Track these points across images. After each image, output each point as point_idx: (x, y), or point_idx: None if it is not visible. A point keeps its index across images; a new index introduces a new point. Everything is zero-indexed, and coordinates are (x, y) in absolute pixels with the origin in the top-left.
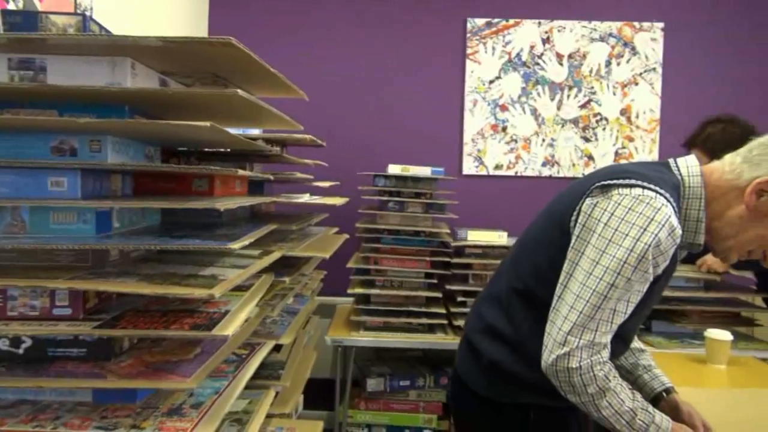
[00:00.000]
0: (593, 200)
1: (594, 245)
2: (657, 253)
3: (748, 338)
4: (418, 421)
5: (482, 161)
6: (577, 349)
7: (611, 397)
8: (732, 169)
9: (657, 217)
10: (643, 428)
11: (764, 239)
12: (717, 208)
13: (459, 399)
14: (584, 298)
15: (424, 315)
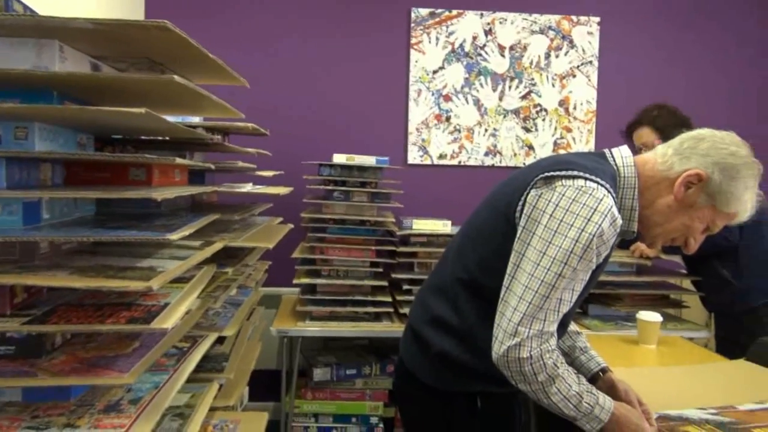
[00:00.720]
0: (537, 191)
1: (540, 236)
2: (600, 243)
3: (677, 319)
4: (364, 409)
5: (427, 151)
6: (527, 339)
7: (560, 383)
8: (664, 160)
9: (599, 207)
10: (588, 410)
11: (688, 228)
12: (648, 197)
13: (406, 389)
14: (532, 289)
15: (370, 304)
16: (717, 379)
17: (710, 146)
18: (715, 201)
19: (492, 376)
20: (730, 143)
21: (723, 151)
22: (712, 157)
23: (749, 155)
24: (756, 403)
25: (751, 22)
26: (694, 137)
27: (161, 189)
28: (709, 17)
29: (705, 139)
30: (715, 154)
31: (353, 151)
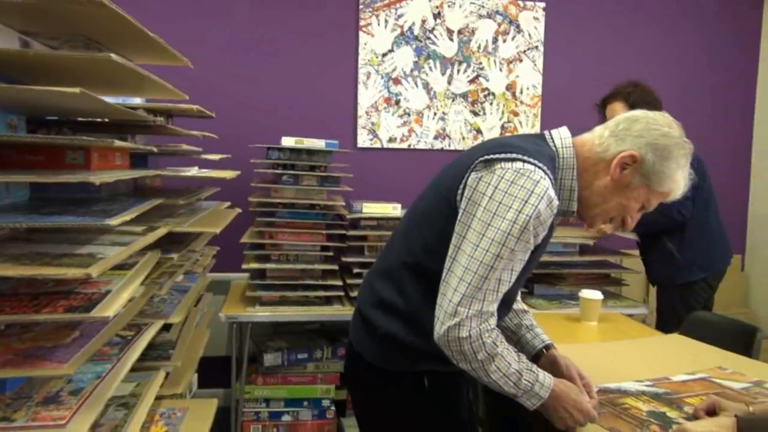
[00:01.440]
0: (478, 174)
1: (479, 218)
2: (537, 224)
3: (616, 297)
4: (315, 392)
5: (376, 134)
6: (466, 319)
7: (499, 362)
8: (601, 142)
9: (536, 189)
10: (528, 387)
11: (625, 208)
12: (587, 178)
13: (354, 371)
14: (472, 270)
15: (320, 288)
16: (653, 353)
17: (644, 127)
18: (649, 181)
19: (438, 356)
20: (663, 124)
21: (656, 132)
22: (646, 138)
23: (681, 135)
24: (688, 374)
25: (698, 8)
26: (628, 119)
27: (100, 173)
28: (654, 3)
29: (639, 121)
30: (648, 135)
31: (302, 134)
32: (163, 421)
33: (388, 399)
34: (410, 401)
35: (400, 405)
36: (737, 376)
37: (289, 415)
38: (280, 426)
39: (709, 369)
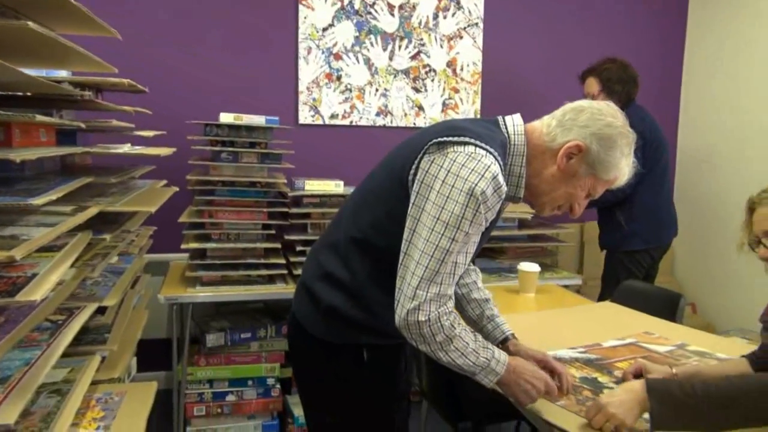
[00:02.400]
0: (430, 157)
1: (434, 202)
2: (486, 209)
3: (553, 268)
4: (260, 371)
5: (318, 110)
6: (425, 303)
7: (457, 342)
8: (548, 131)
9: (486, 174)
10: (485, 363)
11: (572, 196)
12: (535, 166)
13: (297, 342)
14: (428, 254)
15: (263, 267)
16: (586, 321)
17: (589, 118)
18: (594, 170)
19: (378, 330)
20: (607, 114)
21: (600, 122)
22: (591, 128)
23: (624, 125)
24: (618, 339)
25: None
26: (574, 109)
27: (22, 150)
28: None
29: (584, 111)
30: (593, 125)
31: (241, 110)
32: (100, 406)
33: (329, 370)
34: (349, 373)
35: (339, 376)
36: (662, 340)
37: (233, 395)
38: (225, 406)
39: (637, 334)
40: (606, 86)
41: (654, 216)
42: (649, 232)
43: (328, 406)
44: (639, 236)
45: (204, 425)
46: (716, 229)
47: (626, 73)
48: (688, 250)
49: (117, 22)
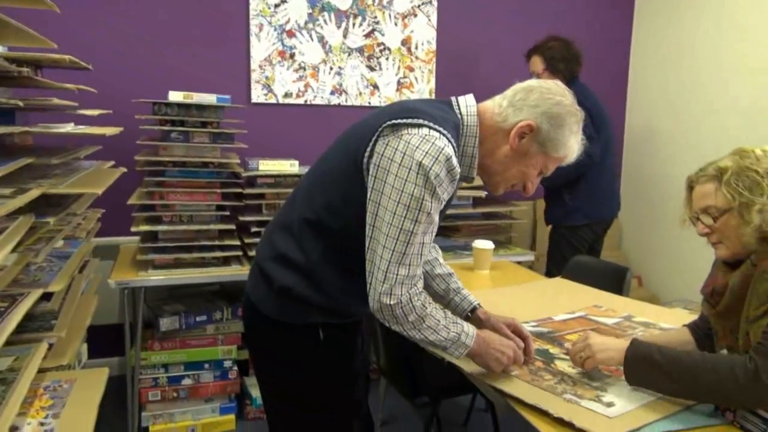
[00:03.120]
0: (385, 139)
1: (392, 185)
2: (442, 191)
3: (506, 245)
4: (217, 354)
5: (271, 89)
6: (396, 286)
7: (429, 320)
8: (500, 111)
9: (440, 157)
10: (455, 337)
11: (525, 175)
12: (488, 146)
13: (252, 324)
14: (394, 237)
15: (217, 248)
16: (539, 296)
17: (539, 97)
18: (545, 148)
19: (333, 310)
20: (556, 93)
21: (549, 101)
22: (541, 108)
23: (573, 103)
24: (569, 313)
25: None
26: (524, 89)
27: None
28: None
29: (534, 91)
30: (543, 105)
31: (191, 88)
32: (48, 394)
33: (284, 350)
34: (306, 352)
35: (296, 356)
36: (610, 312)
37: (189, 379)
38: (181, 390)
39: (587, 307)
40: (549, 64)
41: (596, 192)
42: (591, 207)
43: (285, 387)
44: (581, 211)
45: (160, 410)
46: (661, 205)
47: (569, 51)
48: (634, 225)
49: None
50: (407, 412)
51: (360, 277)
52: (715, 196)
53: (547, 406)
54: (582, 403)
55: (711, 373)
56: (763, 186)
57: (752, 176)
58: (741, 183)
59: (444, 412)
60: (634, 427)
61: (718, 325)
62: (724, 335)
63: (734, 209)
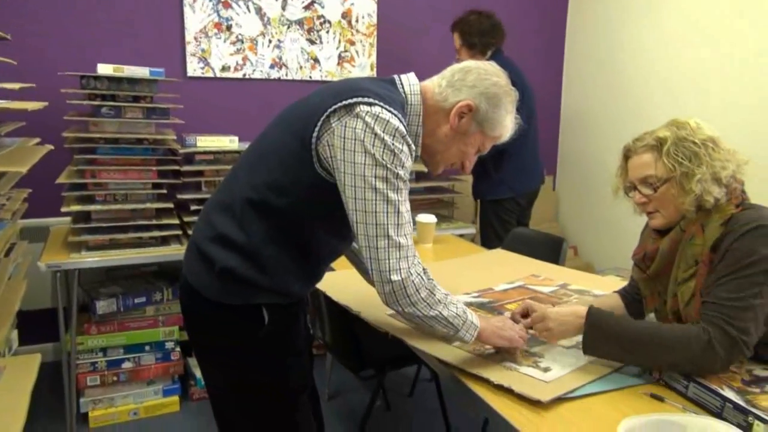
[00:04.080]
0: (341, 120)
1: (364, 163)
2: (406, 159)
3: (449, 219)
4: (158, 336)
5: (207, 62)
6: (401, 260)
7: (438, 293)
8: (440, 91)
9: (397, 134)
10: (464, 315)
11: (464, 154)
12: (429, 126)
13: (191, 307)
14: (383, 212)
15: (155, 228)
16: (480, 267)
17: (476, 78)
18: (483, 127)
19: (277, 290)
20: (492, 74)
21: (486, 81)
22: (478, 88)
23: (507, 83)
24: (508, 283)
25: None
26: (462, 69)
27: None
28: None
29: (471, 71)
30: (481, 85)
31: (121, 61)
32: None
33: (226, 333)
34: (249, 334)
35: (238, 337)
36: (547, 281)
37: (130, 362)
38: (121, 373)
39: (525, 277)
40: (464, 40)
41: (520, 165)
42: (515, 180)
43: (229, 369)
44: (506, 185)
45: (99, 395)
46: (595, 177)
47: (483, 24)
48: (570, 197)
49: None
50: (354, 386)
51: (304, 257)
52: (655, 165)
53: (488, 374)
54: (520, 369)
55: (667, 344)
56: (701, 156)
57: (690, 147)
58: (681, 153)
59: (390, 383)
60: (568, 390)
61: (647, 289)
62: (653, 298)
63: (675, 179)
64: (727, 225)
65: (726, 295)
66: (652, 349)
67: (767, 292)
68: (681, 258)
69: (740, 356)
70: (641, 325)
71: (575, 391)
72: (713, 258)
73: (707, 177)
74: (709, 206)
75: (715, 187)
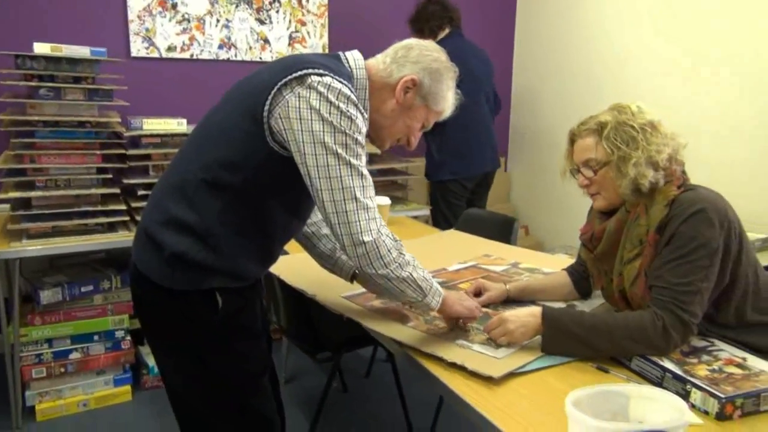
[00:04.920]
0: (294, 92)
1: (322, 131)
2: (362, 125)
3: (403, 201)
4: (107, 324)
5: (153, 42)
6: (370, 221)
7: (407, 255)
8: (384, 68)
9: (350, 102)
10: (431, 280)
11: (409, 129)
12: (375, 102)
13: (142, 294)
14: (347, 176)
15: (101, 214)
16: (434, 248)
17: (418, 54)
18: (427, 101)
19: (231, 272)
20: (433, 50)
21: (428, 57)
22: (421, 64)
23: (447, 60)
24: (461, 263)
25: None
26: (404, 46)
27: None
28: None
29: (413, 48)
30: (423, 61)
31: (60, 40)
32: None
33: (180, 319)
34: (204, 319)
35: (193, 324)
36: (499, 260)
37: (78, 352)
38: (69, 364)
39: (478, 257)
40: (412, 28)
41: (461, 147)
42: (456, 163)
43: (185, 357)
44: (447, 167)
45: (46, 387)
46: (546, 159)
47: (430, 10)
48: (522, 178)
49: None
50: (310, 369)
51: (258, 236)
52: (595, 149)
53: (442, 352)
54: (473, 347)
55: (626, 335)
56: (638, 140)
57: (629, 131)
58: (619, 137)
59: (346, 365)
60: (519, 365)
61: (594, 269)
62: (599, 278)
63: (612, 162)
64: (671, 207)
65: (676, 280)
66: (612, 342)
67: (712, 274)
68: (626, 238)
69: (690, 336)
70: (597, 319)
71: (525, 366)
72: (658, 239)
73: (642, 161)
74: (645, 190)
75: (650, 171)
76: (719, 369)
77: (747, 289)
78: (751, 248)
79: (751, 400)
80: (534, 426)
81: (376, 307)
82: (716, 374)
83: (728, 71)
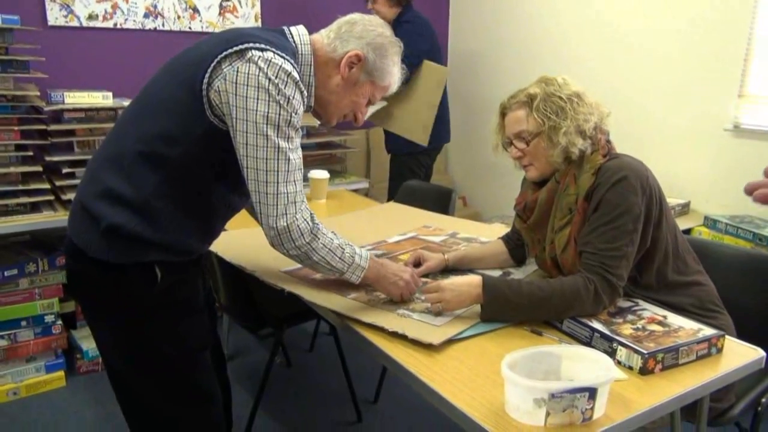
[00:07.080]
0: (233, 65)
1: (255, 110)
2: (299, 105)
3: (341, 174)
4: (35, 309)
5: (71, 10)
6: (289, 205)
7: (323, 238)
8: (329, 42)
9: (289, 81)
10: (351, 259)
11: (356, 104)
12: (320, 78)
13: (78, 270)
14: (273, 159)
15: (22, 194)
16: (374, 221)
17: (362, 29)
18: (373, 77)
19: (169, 246)
20: (377, 25)
21: (372, 32)
22: (366, 39)
23: (392, 35)
24: (401, 234)
25: None
26: (348, 21)
27: None
28: None
29: (357, 23)
30: (367, 36)
31: None
32: None
33: (117, 293)
34: (141, 294)
35: (132, 298)
36: (438, 231)
37: (5, 339)
38: None
39: (417, 228)
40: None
41: (444, 116)
42: (433, 134)
43: (125, 333)
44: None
45: None
46: (482, 130)
47: None
48: (459, 149)
49: None
50: (253, 345)
51: (197, 211)
52: (526, 121)
53: (382, 322)
54: (414, 316)
55: (560, 300)
56: (567, 110)
57: (557, 102)
58: (549, 108)
59: (289, 339)
60: (458, 332)
61: (528, 237)
62: (533, 246)
63: (544, 133)
64: (598, 175)
65: (603, 246)
66: (549, 308)
67: (636, 238)
68: (557, 207)
69: (618, 298)
70: (534, 287)
71: (464, 332)
72: (587, 207)
73: (572, 130)
74: (575, 158)
75: (579, 139)
76: (642, 327)
77: (667, 252)
78: (671, 213)
79: (671, 354)
80: (473, 390)
81: (318, 280)
82: (640, 332)
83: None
